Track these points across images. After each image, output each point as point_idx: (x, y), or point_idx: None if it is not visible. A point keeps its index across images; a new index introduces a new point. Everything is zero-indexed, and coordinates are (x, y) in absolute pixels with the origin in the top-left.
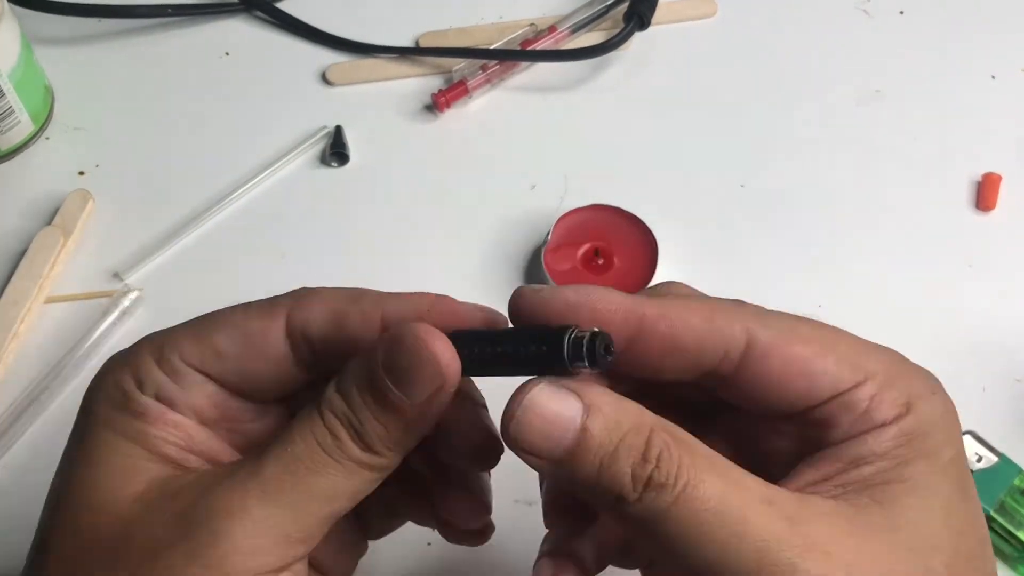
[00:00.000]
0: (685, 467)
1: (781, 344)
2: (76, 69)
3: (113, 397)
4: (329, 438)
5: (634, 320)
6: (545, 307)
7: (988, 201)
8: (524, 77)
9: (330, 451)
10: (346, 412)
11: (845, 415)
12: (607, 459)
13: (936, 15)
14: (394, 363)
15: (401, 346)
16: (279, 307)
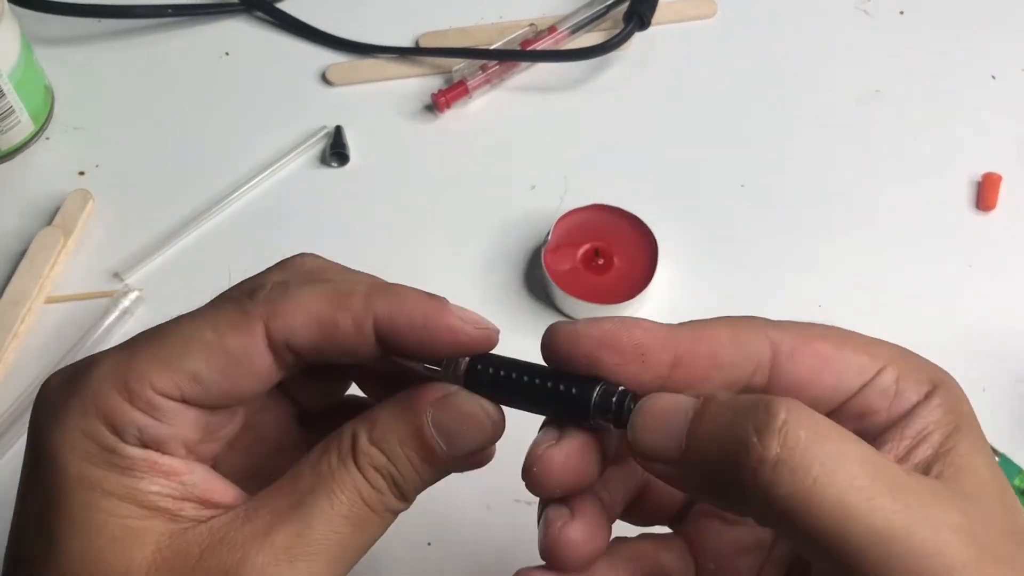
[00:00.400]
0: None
1: (801, 345)
2: (76, 69)
3: (88, 451)
4: (372, 493)
5: (672, 346)
6: (580, 341)
7: (988, 201)
8: (524, 77)
9: (373, 505)
10: (387, 465)
11: (881, 400)
12: (727, 428)
13: (936, 15)
14: (447, 424)
15: (456, 411)
16: (253, 318)
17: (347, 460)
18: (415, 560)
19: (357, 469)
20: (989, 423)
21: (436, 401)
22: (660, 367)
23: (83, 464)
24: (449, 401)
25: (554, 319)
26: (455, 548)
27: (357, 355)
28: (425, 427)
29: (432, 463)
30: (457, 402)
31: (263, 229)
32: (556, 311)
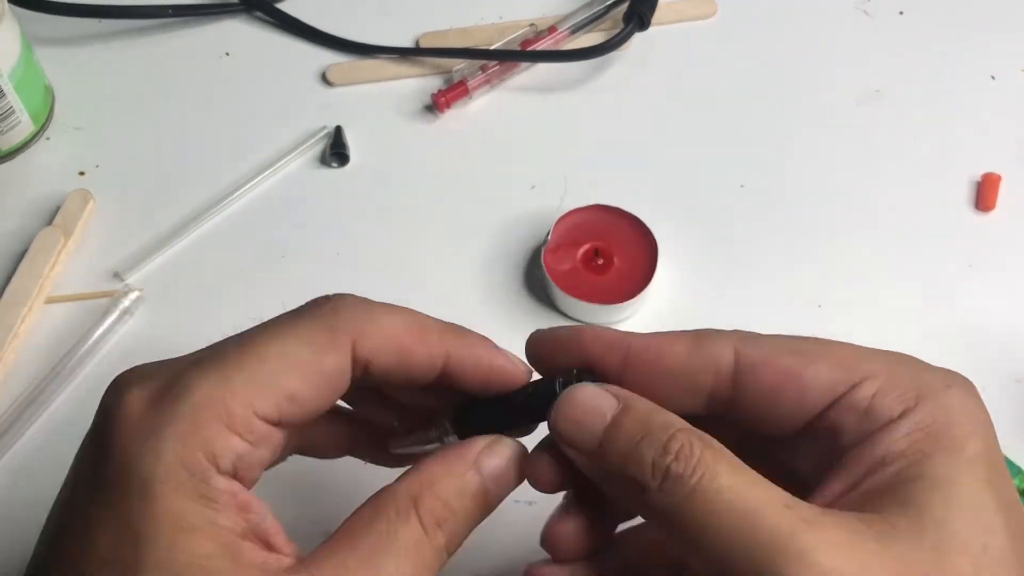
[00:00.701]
0: (703, 462)
1: (769, 358)
2: (76, 69)
3: (182, 482)
4: (430, 548)
5: (620, 350)
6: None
7: (988, 201)
8: (524, 77)
9: (430, 562)
10: (445, 516)
11: (848, 417)
12: (632, 449)
13: (936, 15)
14: (496, 467)
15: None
16: (343, 336)
17: (409, 516)
18: None
19: (421, 525)
20: None
21: (485, 448)
22: (609, 369)
23: (174, 497)
24: (497, 445)
25: (554, 319)
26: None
27: (416, 383)
28: (480, 473)
29: (485, 508)
30: (505, 444)
31: (263, 229)
32: (556, 311)
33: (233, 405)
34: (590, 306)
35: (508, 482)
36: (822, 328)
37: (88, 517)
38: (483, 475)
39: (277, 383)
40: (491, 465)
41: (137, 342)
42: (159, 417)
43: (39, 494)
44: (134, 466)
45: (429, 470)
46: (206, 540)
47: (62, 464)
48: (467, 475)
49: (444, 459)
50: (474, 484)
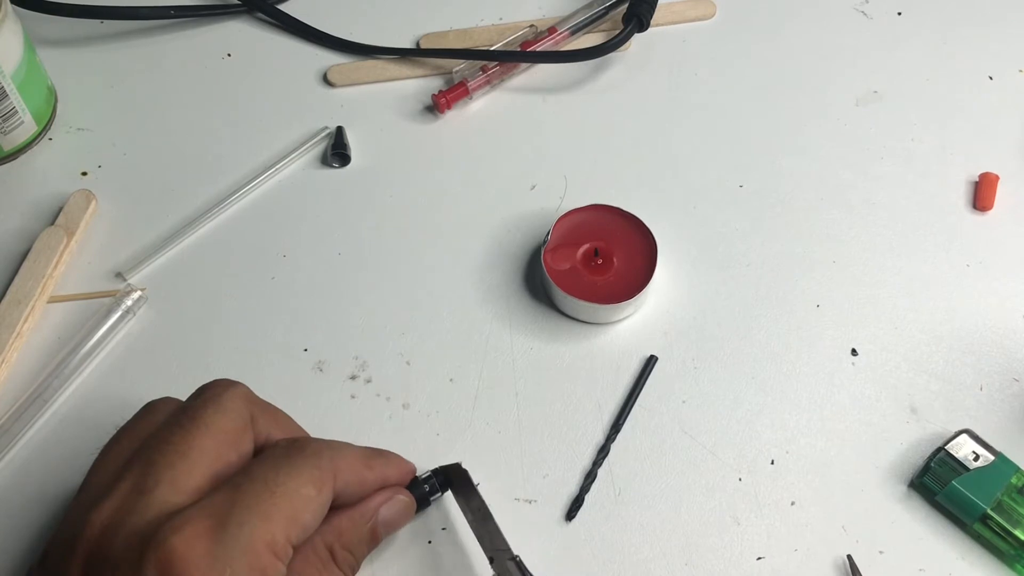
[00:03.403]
0: None
1: None
2: (79, 70)
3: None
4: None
5: None
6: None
7: (986, 201)
8: (524, 78)
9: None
10: (351, 560)
11: None
12: None
13: (934, 16)
14: (390, 519)
15: (397, 508)
16: (329, 474)
17: (330, 565)
18: (417, 557)
19: (339, 571)
20: (987, 422)
21: (381, 505)
22: None
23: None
24: (393, 504)
25: (554, 319)
26: (456, 546)
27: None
28: (378, 527)
29: (375, 547)
30: (399, 502)
31: (265, 229)
32: (556, 311)
33: (278, 537)
34: (590, 306)
35: (396, 526)
36: (822, 327)
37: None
38: (379, 523)
39: (300, 518)
40: (386, 516)
41: (139, 342)
42: (226, 552)
43: (41, 493)
44: None
45: (338, 524)
46: None
47: (64, 463)
48: (368, 528)
49: (350, 515)
50: (372, 533)
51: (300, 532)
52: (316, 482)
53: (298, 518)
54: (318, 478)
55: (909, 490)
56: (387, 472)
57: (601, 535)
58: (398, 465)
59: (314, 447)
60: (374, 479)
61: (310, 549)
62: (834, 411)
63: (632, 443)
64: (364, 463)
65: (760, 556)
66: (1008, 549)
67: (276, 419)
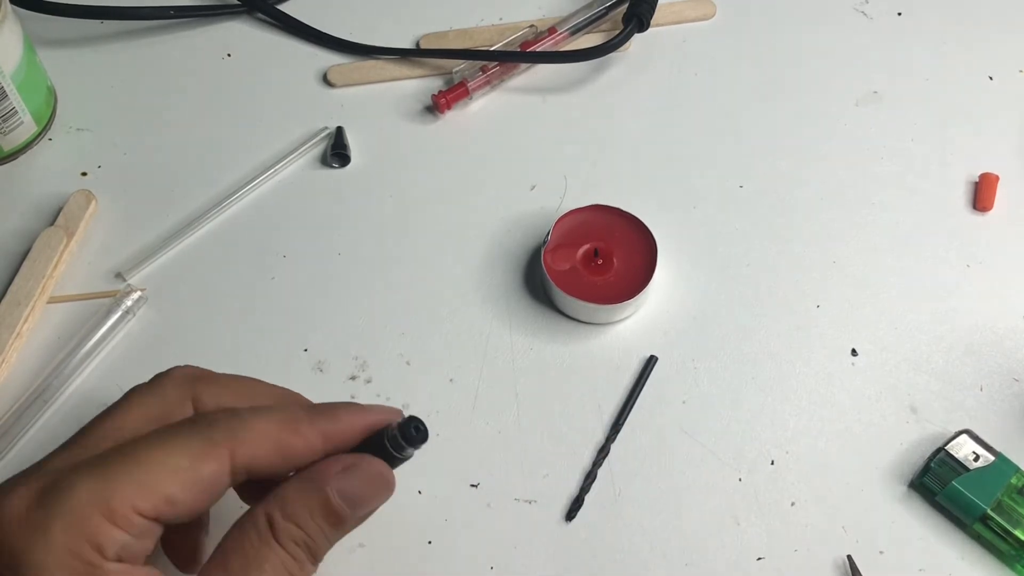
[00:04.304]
0: None
1: None
2: (79, 70)
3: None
4: (294, 564)
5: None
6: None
7: (985, 201)
8: (524, 78)
9: (295, 574)
10: (303, 538)
11: None
12: None
13: (934, 16)
14: (351, 491)
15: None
16: (221, 446)
17: (268, 538)
18: (417, 558)
19: (279, 545)
20: (987, 422)
21: (339, 472)
22: None
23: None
24: (352, 471)
25: (554, 319)
26: (456, 545)
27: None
28: (332, 497)
29: (339, 526)
30: (362, 470)
31: (264, 229)
32: (556, 311)
33: (114, 502)
34: (590, 306)
35: (364, 501)
36: (822, 327)
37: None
38: (336, 497)
39: (157, 487)
40: (344, 487)
41: (139, 342)
42: (45, 513)
43: None
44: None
45: (287, 491)
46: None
47: None
48: (320, 497)
49: (301, 480)
50: (325, 505)
51: (161, 504)
52: (192, 453)
53: (157, 488)
54: (196, 449)
55: (909, 490)
56: (332, 432)
57: (601, 535)
58: (350, 420)
59: (213, 417)
60: (308, 446)
61: (248, 520)
62: (834, 411)
63: (632, 443)
64: (288, 428)
65: (760, 556)
66: (1008, 549)
67: (232, 391)
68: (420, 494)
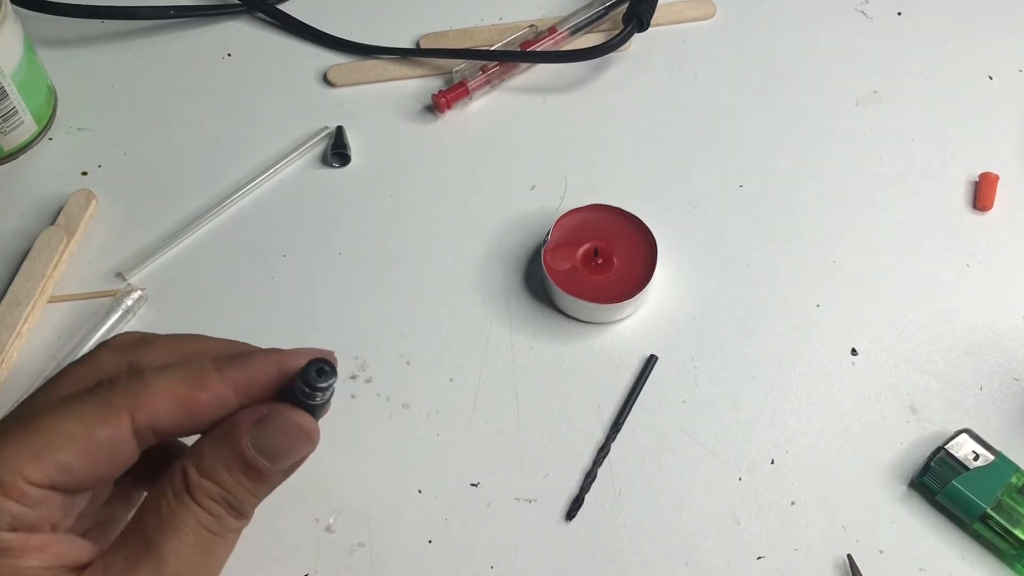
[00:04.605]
0: None
1: None
2: (79, 70)
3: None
4: (212, 520)
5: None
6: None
7: (985, 201)
8: (524, 78)
9: (216, 531)
10: (221, 493)
11: None
12: None
13: (934, 16)
14: (267, 443)
15: (274, 428)
16: (119, 410)
17: (182, 496)
18: (416, 558)
19: (194, 502)
20: (987, 421)
21: (253, 424)
22: None
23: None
24: (265, 422)
25: (554, 319)
26: (456, 546)
27: (217, 420)
28: (246, 451)
29: (260, 481)
30: (275, 420)
31: (264, 229)
32: (556, 311)
33: (3, 473)
34: (590, 306)
35: (285, 454)
36: (822, 327)
37: None
38: (251, 450)
39: (47, 454)
40: (258, 439)
41: None
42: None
43: None
44: None
45: (202, 445)
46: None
47: None
48: (235, 450)
49: (216, 433)
50: (241, 458)
51: (54, 472)
52: (88, 417)
53: (48, 456)
54: (92, 413)
55: (909, 490)
56: (243, 381)
57: (601, 535)
58: (264, 367)
59: (114, 380)
60: (218, 399)
61: (167, 479)
62: (834, 411)
63: (632, 443)
64: (194, 384)
65: (760, 556)
66: (1008, 549)
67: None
68: (420, 494)
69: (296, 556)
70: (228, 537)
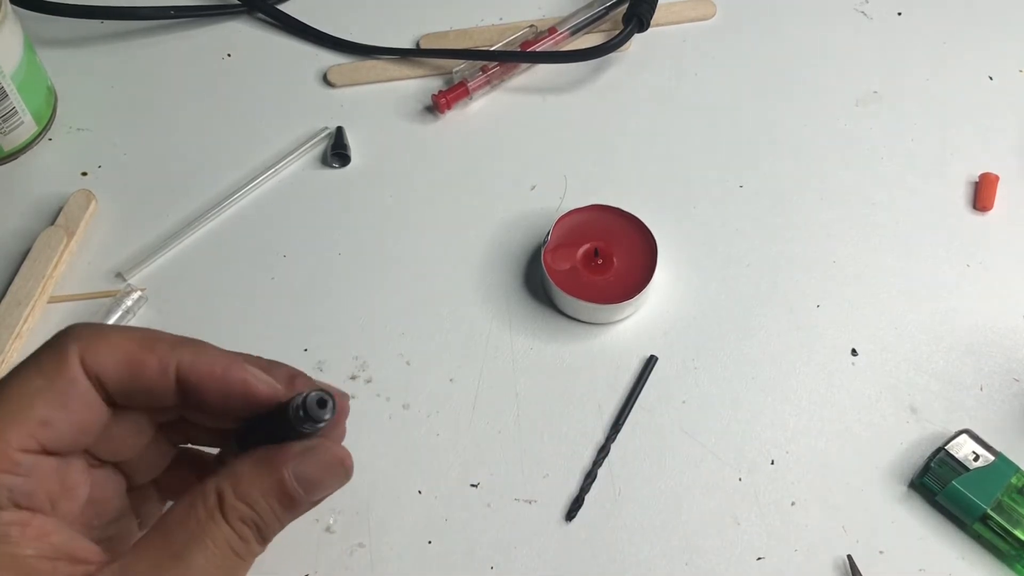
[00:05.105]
0: None
1: None
2: (79, 70)
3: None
4: (240, 543)
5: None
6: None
7: (986, 201)
8: (524, 78)
9: (241, 553)
10: (252, 517)
11: None
12: None
13: (934, 16)
14: (308, 475)
15: (319, 462)
16: (71, 355)
17: (215, 514)
18: (416, 558)
19: (226, 522)
20: (987, 422)
21: (297, 455)
22: None
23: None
24: (309, 454)
25: (554, 319)
26: (456, 546)
27: (158, 399)
28: (287, 480)
29: (291, 509)
30: (319, 454)
31: (265, 229)
32: (556, 311)
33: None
34: (590, 306)
35: (321, 487)
36: (822, 327)
37: None
38: (291, 480)
39: (23, 414)
40: (300, 470)
41: None
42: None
43: None
44: None
45: (241, 468)
46: (5, 572)
47: None
48: (275, 478)
49: (257, 458)
50: (280, 487)
51: (37, 429)
52: (43, 370)
53: (22, 415)
54: (47, 364)
55: (909, 490)
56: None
57: (601, 535)
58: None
59: (60, 335)
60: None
61: (198, 495)
62: (834, 411)
63: (632, 443)
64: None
65: (760, 556)
66: (1008, 549)
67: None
68: (420, 494)
69: (296, 556)
70: (248, 561)
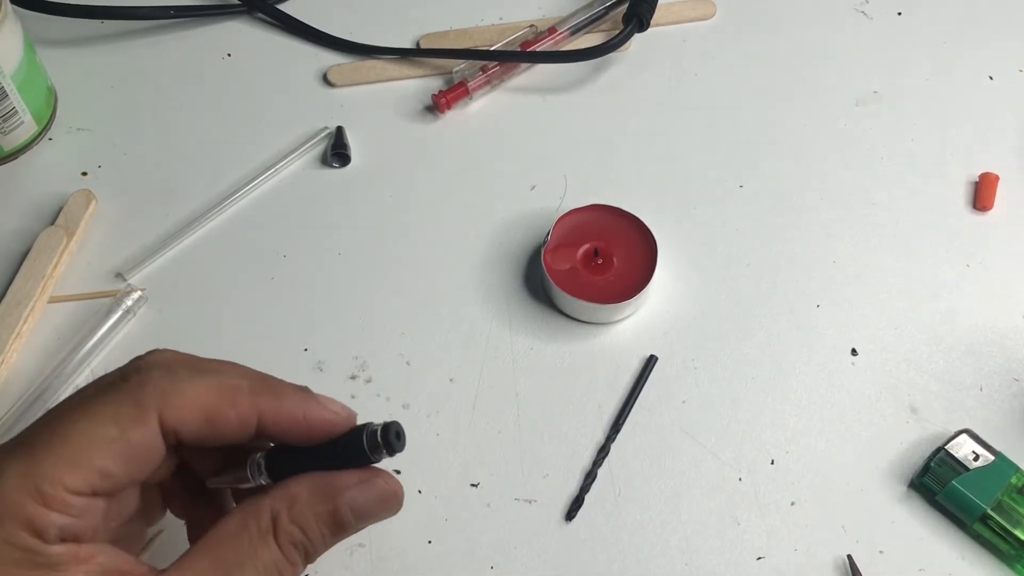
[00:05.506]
0: None
1: None
2: (79, 70)
3: (13, 557)
4: (288, 566)
5: None
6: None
7: (986, 201)
8: (524, 78)
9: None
10: (303, 541)
11: None
12: None
13: (934, 16)
14: (362, 505)
15: (373, 493)
16: (149, 411)
17: (268, 536)
18: (416, 558)
19: (277, 546)
20: (987, 422)
21: (356, 485)
22: None
23: (10, 570)
24: (367, 485)
25: (554, 319)
26: (456, 546)
27: (233, 443)
28: (342, 507)
29: (339, 535)
30: (377, 486)
31: (265, 229)
32: (556, 311)
33: (44, 485)
34: (590, 306)
35: (371, 516)
36: (822, 327)
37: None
38: (346, 508)
39: (87, 461)
40: (355, 501)
41: (139, 342)
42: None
43: None
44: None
45: (296, 492)
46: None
47: None
48: (331, 505)
49: (313, 483)
50: (334, 514)
51: (96, 479)
52: (121, 419)
53: (87, 463)
54: (125, 415)
55: (909, 490)
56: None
57: (601, 535)
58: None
59: (144, 377)
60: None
61: (251, 514)
62: (834, 411)
63: (632, 443)
64: (224, 399)
65: (760, 556)
66: (1008, 549)
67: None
68: (420, 494)
69: None
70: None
